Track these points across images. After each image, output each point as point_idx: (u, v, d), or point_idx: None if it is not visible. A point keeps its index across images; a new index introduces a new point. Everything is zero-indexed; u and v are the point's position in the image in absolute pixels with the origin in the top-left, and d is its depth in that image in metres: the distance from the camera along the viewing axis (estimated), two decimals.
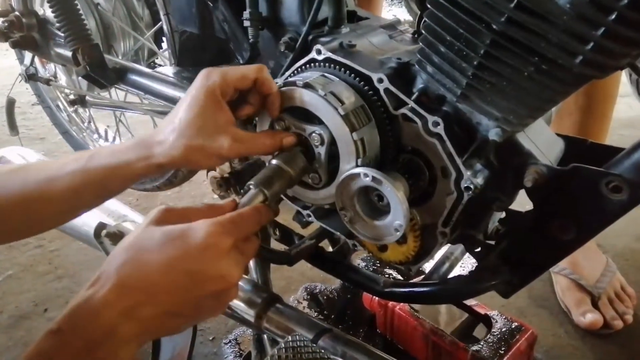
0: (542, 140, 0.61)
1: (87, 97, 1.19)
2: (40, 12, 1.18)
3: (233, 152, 0.61)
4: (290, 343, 0.58)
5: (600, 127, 1.21)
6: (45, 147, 2.14)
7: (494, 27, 0.49)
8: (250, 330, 0.92)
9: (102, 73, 0.92)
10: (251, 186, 0.59)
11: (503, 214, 0.67)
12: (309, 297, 1.13)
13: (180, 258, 0.48)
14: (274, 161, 0.62)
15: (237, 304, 0.75)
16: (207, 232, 0.49)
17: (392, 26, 0.76)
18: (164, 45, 1.15)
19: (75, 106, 1.33)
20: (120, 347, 0.46)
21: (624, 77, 1.94)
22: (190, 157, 0.60)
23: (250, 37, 0.76)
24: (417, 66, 0.61)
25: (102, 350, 0.45)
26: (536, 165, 0.57)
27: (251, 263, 0.87)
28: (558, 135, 0.67)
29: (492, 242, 0.67)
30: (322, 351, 0.59)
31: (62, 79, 1.44)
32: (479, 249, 0.67)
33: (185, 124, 0.60)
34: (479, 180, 0.58)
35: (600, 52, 0.47)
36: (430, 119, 0.58)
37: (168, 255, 0.48)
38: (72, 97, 1.24)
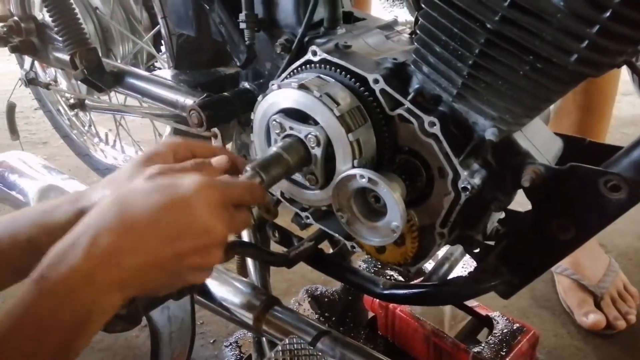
0: (540, 140, 0.61)
1: (87, 101, 1.20)
2: (40, 17, 1.19)
3: None
4: (288, 346, 0.58)
5: (600, 126, 1.20)
6: (47, 151, 2.15)
7: (489, 26, 0.49)
8: (251, 333, 0.91)
9: (99, 77, 0.93)
10: (248, 168, 0.59)
11: (502, 214, 0.66)
12: (309, 299, 1.12)
13: (166, 206, 0.47)
14: (273, 148, 0.62)
15: (236, 306, 0.75)
16: (197, 182, 0.48)
17: (388, 27, 0.76)
18: (164, 48, 1.15)
19: (75, 110, 1.33)
20: (100, 295, 0.45)
21: (626, 76, 1.92)
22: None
23: (246, 39, 0.76)
24: (412, 66, 0.61)
25: (83, 297, 0.44)
26: (534, 164, 0.57)
27: (250, 265, 0.86)
28: (556, 134, 0.66)
29: (492, 243, 0.66)
30: (320, 354, 0.59)
31: (63, 83, 1.44)
32: (478, 250, 0.66)
33: (123, 169, 0.58)
34: (476, 181, 0.58)
35: (595, 50, 0.46)
36: (427, 119, 0.57)
37: (154, 203, 0.47)
38: (72, 101, 1.24)
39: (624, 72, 1.42)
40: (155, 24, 1.15)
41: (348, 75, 0.62)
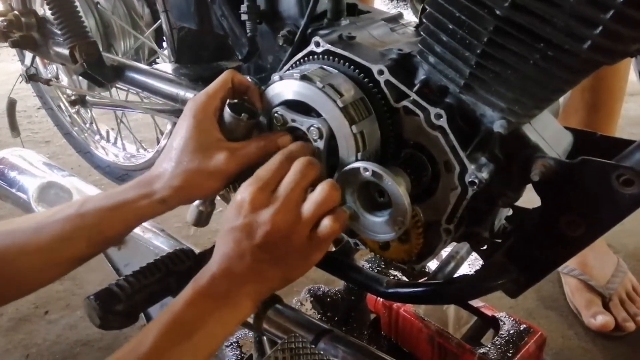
0: (550, 133, 0.59)
1: (88, 97, 1.18)
2: (41, 12, 1.18)
3: (232, 165, 0.60)
4: (287, 345, 0.56)
5: (608, 124, 1.18)
6: (50, 150, 2.15)
7: (498, 12, 0.47)
8: (252, 332, 0.90)
9: (99, 71, 0.91)
10: None
11: (509, 212, 0.65)
12: (312, 298, 1.11)
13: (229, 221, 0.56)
14: None
15: None
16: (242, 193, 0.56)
17: (394, 19, 0.74)
18: (165, 44, 1.14)
19: (76, 106, 1.32)
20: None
21: (633, 76, 1.90)
22: (191, 182, 0.60)
23: (248, 31, 0.74)
24: (418, 57, 0.59)
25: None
26: (543, 158, 0.55)
27: None
28: (566, 128, 0.64)
29: (499, 241, 0.64)
30: (322, 352, 0.57)
31: (64, 80, 1.43)
32: (484, 247, 0.65)
33: (179, 151, 0.60)
34: (484, 175, 0.56)
35: (610, 37, 0.44)
36: (433, 111, 0.56)
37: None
38: (72, 97, 1.23)
39: (631, 72, 1.40)
40: (157, 19, 1.14)
41: (352, 67, 0.60)
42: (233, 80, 0.63)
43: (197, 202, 0.68)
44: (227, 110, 0.62)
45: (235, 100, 0.63)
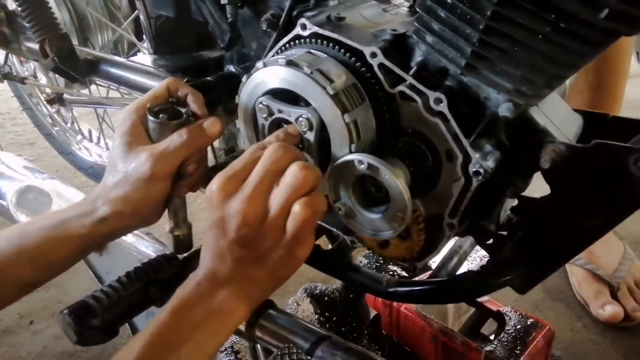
0: (559, 116, 0.55)
1: (66, 95, 1.13)
2: (11, 7, 1.11)
3: (155, 165, 0.57)
4: (281, 357, 0.51)
5: (613, 105, 1.15)
6: (34, 152, 2.10)
7: None
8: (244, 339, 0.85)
9: (72, 65, 0.86)
10: None
11: (515, 202, 0.61)
12: (309, 298, 1.07)
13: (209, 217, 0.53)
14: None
15: None
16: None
17: None
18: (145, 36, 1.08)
19: (55, 106, 1.26)
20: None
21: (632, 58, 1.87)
22: (125, 194, 0.58)
23: (229, 16, 0.69)
24: (414, 37, 0.54)
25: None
26: (554, 143, 0.51)
27: None
28: (575, 110, 0.60)
29: (505, 233, 0.60)
30: None
31: (43, 78, 1.37)
32: (490, 241, 0.61)
33: (111, 163, 0.59)
34: (489, 163, 0.52)
35: (630, 2, 0.40)
36: (432, 95, 0.52)
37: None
38: (51, 96, 1.18)
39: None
40: (135, 9, 1.08)
41: (342, 50, 0.56)
42: (169, 87, 0.62)
43: (168, 227, 0.65)
44: (147, 114, 0.60)
45: (158, 106, 0.61)
